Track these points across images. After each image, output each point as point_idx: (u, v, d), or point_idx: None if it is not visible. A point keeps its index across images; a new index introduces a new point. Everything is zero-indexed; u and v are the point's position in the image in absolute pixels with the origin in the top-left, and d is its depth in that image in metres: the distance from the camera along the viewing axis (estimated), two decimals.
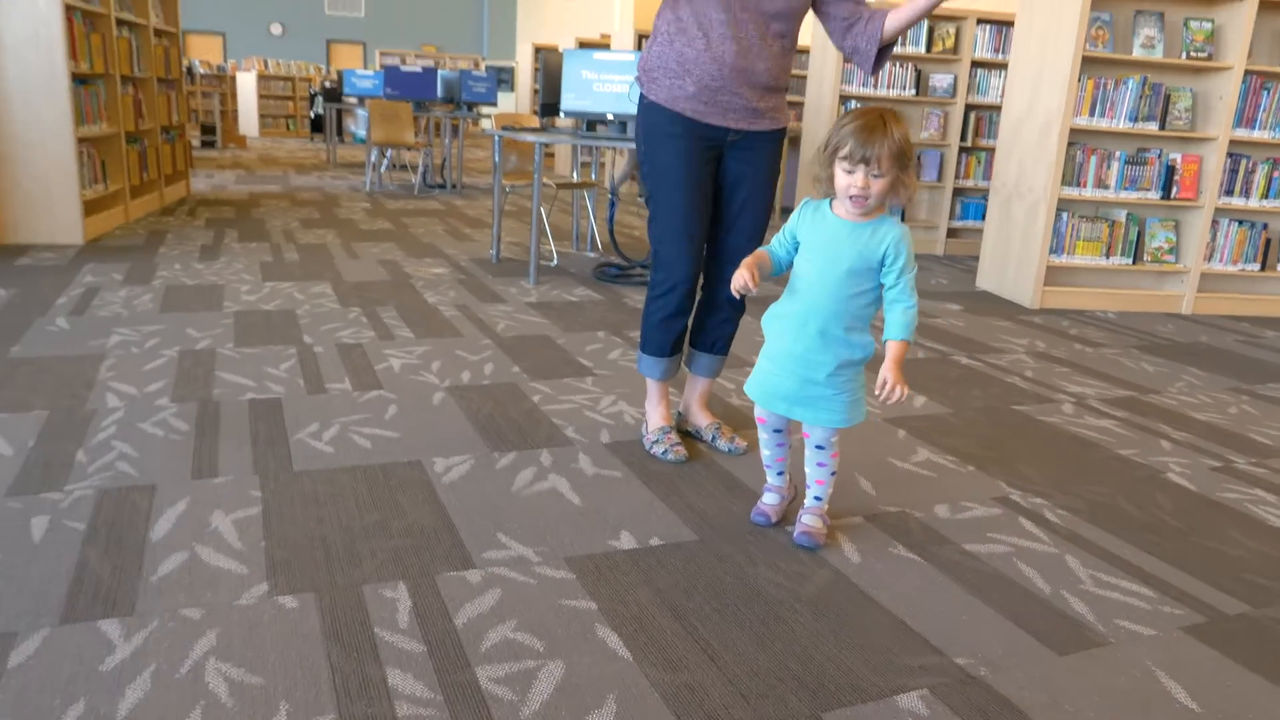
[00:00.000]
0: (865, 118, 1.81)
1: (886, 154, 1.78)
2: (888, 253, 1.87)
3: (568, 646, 1.62)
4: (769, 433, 2.09)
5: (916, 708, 1.51)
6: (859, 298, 1.91)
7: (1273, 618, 1.88)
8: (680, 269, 2.37)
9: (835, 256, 1.90)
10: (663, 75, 2.32)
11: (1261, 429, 3.10)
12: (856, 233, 1.89)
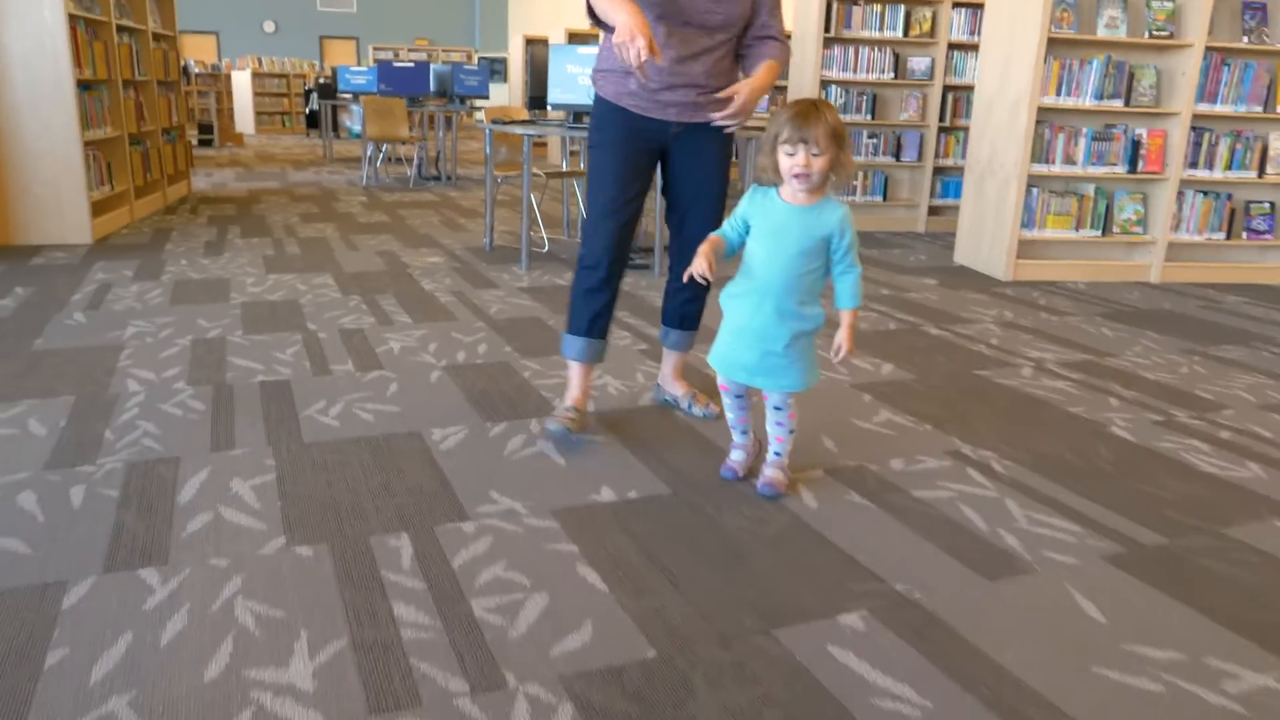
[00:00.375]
0: (799, 105, 2.01)
1: (822, 133, 1.97)
2: (834, 232, 2.07)
3: (551, 582, 1.84)
4: (731, 398, 2.29)
5: (856, 625, 1.73)
6: (809, 275, 2.10)
7: (1186, 547, 2.09)
8: (598, 245, 2.50)
9: (785, 239, 2.08)
10: (610, 75, 2.50)
11: (1207, 386, 3.31)
12: (803, 215, 2.08)
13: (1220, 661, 1.66)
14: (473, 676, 1.54)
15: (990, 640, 1.70)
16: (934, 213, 7.01)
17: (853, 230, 2.09)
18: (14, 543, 1.92)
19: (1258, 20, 5.09)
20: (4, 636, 1.60)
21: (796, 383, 2.16)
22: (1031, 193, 5.11)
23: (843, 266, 2.10)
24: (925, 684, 1.56)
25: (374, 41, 21.65)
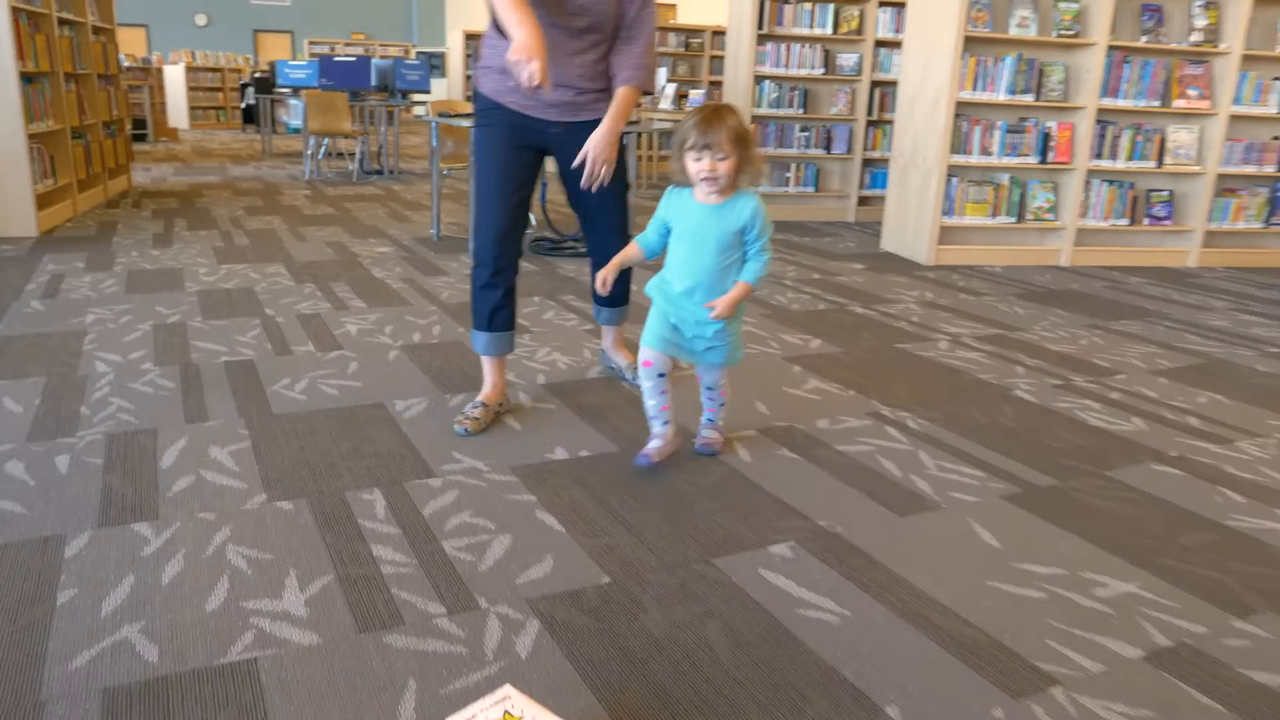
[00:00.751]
0: (703, 111, 2.11)
1: (725, 138, 2.06)
2: (748, 224, 2.18)
3: (513, 526, 2.04)
4: (653, 378, 2.29)
5: (784, 553, 1.97)
6: (730, 268, 2.21)
7: (1073, 487, 2.38)
8: (484, 243, 2.55)
9: (704, 238, 2.19)
10: (489, 72, 2.54)
11: (1104, 355, 3.64)
12: (718, 213, 2.18)
13: (1094, 574, 1.94)
14: (448, 601, 1.74)
15: (900, 563, 1.95)
16: (863, 203, 7.33)
17: (764, 218, 2.19)
18: (9, 504, 2.06)
19: (1155, 21, 5.49)
20: (15, 582, 1.76)
21: (731, 358, 2.31)
22: (951, 182, 5.44)
23: (754, 250, 2.21)
24: (843, 597, 1.81)
25: (310, 36, 21.44)
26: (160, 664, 1.53)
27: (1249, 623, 1.78)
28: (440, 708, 1.44)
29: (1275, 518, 2.25)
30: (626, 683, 1.53)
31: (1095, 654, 1.66)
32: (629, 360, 3.00)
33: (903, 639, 1.68)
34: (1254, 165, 5.81)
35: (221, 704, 1.44)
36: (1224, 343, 3.93)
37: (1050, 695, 1.54)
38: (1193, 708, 1.52)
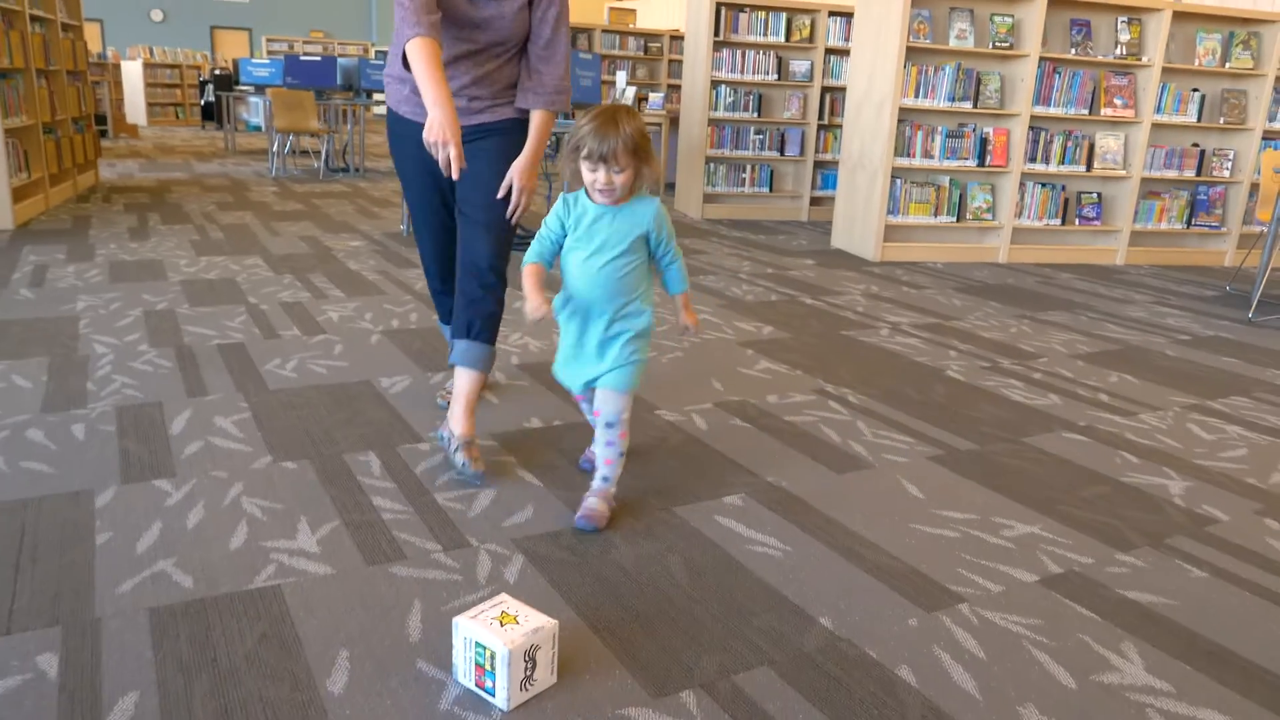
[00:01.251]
0: (599, 120, 1.93)
1: (622, 150, 1.91)
2: (651, 229, 2.03)
3: (498, 481, 2.30)
4: (587, 405, 2.25)
5: (735, 503, 2.25)
6: (632, 274, 2.03)
7: (991, 450, 2.69)
8: (424, 255, 2.63)
9: (603, 244, 2.02)
10: (392, 81, 2.45)
11: (1030, 342, 3.98)
12: (618, 217, 2.02)
13: (1003, 519, 2.25)
14: (443, 540, 2.00)
15: (835, 510, 2.24)
16: (816, 203, 7.67)
17: (668, 222, 2.06)
18: (36, 465, 2.27)
19: (1083, 35, 5.88)
20: (55, 527, 1.98)
21: (622, 383, 2.05)
22: (895, 184, 5.78)
23: (667, 259, 2.09)
24: (785, 536, 2.09)
25: (268, 33, 21.37)
26: (195, 589, 1.76)
27: (1129, 555, 2.10)
28: (443, 621, 1.70)
29: (1164, 475, 2.58)
30: (601, 601, 1.79)
31: (997, 579, 1.96)
32: (466, 433, 2.33)
33: (835, 568, 1.97)
34: (1175, 170, 6.23)
35: (254, 619, 1.68)
36: (1140, 331, 4.30)
37: (957, 610, 1.83)
38: (1074, 617, 1.83)
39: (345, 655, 1.58)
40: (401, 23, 2.18)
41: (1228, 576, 2.02)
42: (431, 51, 2.13)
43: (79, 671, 1.51)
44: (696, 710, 1.49)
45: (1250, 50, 6.14)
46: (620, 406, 2.07)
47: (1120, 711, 1.54)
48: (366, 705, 1.46)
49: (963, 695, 1.56)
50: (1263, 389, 3.46)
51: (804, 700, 1.53)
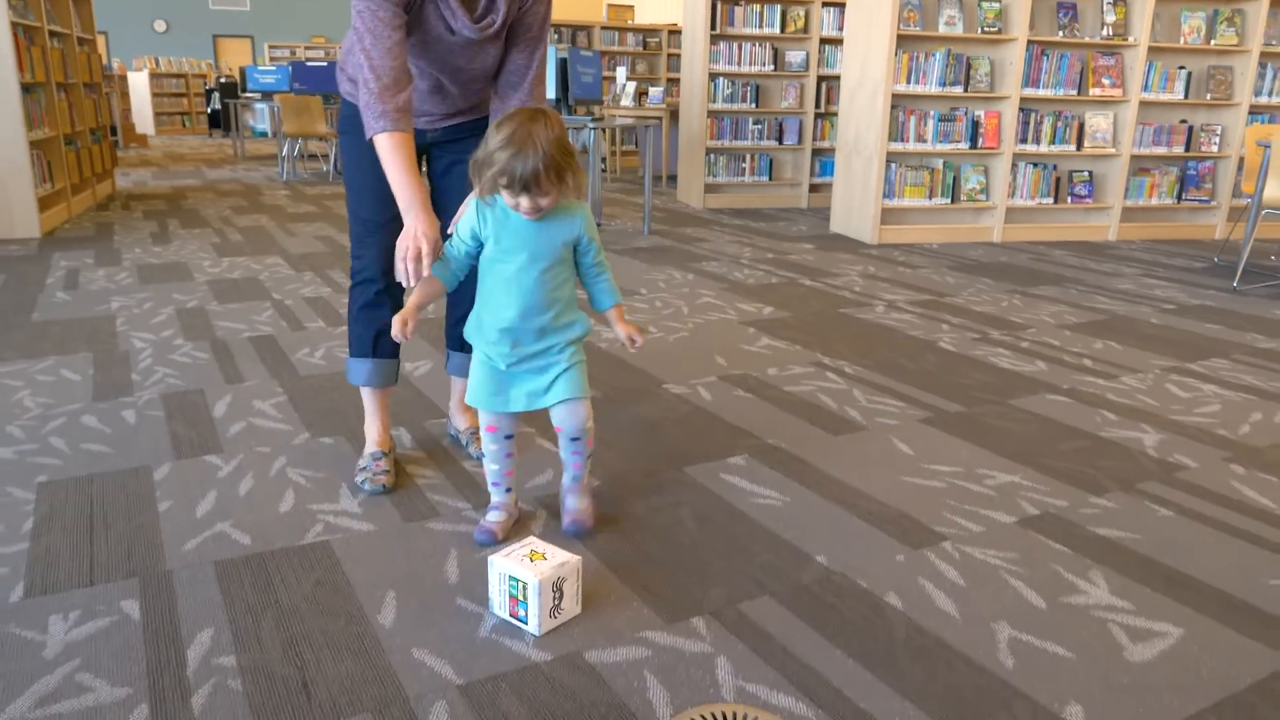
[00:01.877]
0: (516, 139, 1.71)
1: (544, 174, 1.71)
2: (580, 235, 1.88)
3: (518, 448, 2.49)
4: (499, 441, 1.98)
5: (739, 462, 2.44)
6: (564, 286, 1.91)
7: (978, 412, 2.88)
8: (370, 259, 2.26)
9: (533, 253, 1.85)
10: (344, 79, 2.24)
11: (1020, 314, 4.16)
12: (546, 227, 1.85)
13: (987, 471, 2.43)
14: (472, 500, 2.19)
15: (832, 466, 2.43)
16: (815, 190, 7.85)
17: (595, 230, 1.93)
18: (95, 446, 2.48)
19: (1069, 17, 6.04)
20: (120, 497, 2.18)
21: (577, 389, 1.93)
22: (891, 168, 5.95)
23: (594, 271, 1.95)
24: (785, 490, 2.28)
25: (269, 40, 21.59)
26: (253, 545, 1.96)
27: (1101, 498, 2.28)
28: (477, 567, 1.89)
29: (1140, 429, 2.76)
30: (617, 546, 1.99)
31: (979, 521, 2.15)
32: (468, 425, 2.51)
33: (831, 514, 2.16)
34: (1164, 147, 6.39)
35: (309, 568, 1.87)
36: (1127, 302, 4.47)
37: (941, 547, 2.02)
38: (1047, 551, 2.01)
39: (392, 595, 1.78)
40: (369, 96, 1.94)
41: (1192, 515, 2.21)
42: (404, 149, 1.96)
43: (159, 613, 1.71)
44: (706, 632, 1.68)
45: (1235, 27, 6.29)
46: (582, 416, 1.94)
47: (1085, 626, 1.73)
48: (415, 634, 1.66)
49: (943, 616, 1.75)
50: (1241, 351, 3.64)
51: (801, 623, 1.72)
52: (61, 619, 1.69)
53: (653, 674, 1.56)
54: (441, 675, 1.54)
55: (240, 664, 1.56)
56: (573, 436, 1.96)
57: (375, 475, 2.25)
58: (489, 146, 1.75)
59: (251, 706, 1.46)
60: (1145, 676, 1.58)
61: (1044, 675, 1.58)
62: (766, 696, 1.51)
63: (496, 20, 2.06)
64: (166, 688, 1.50)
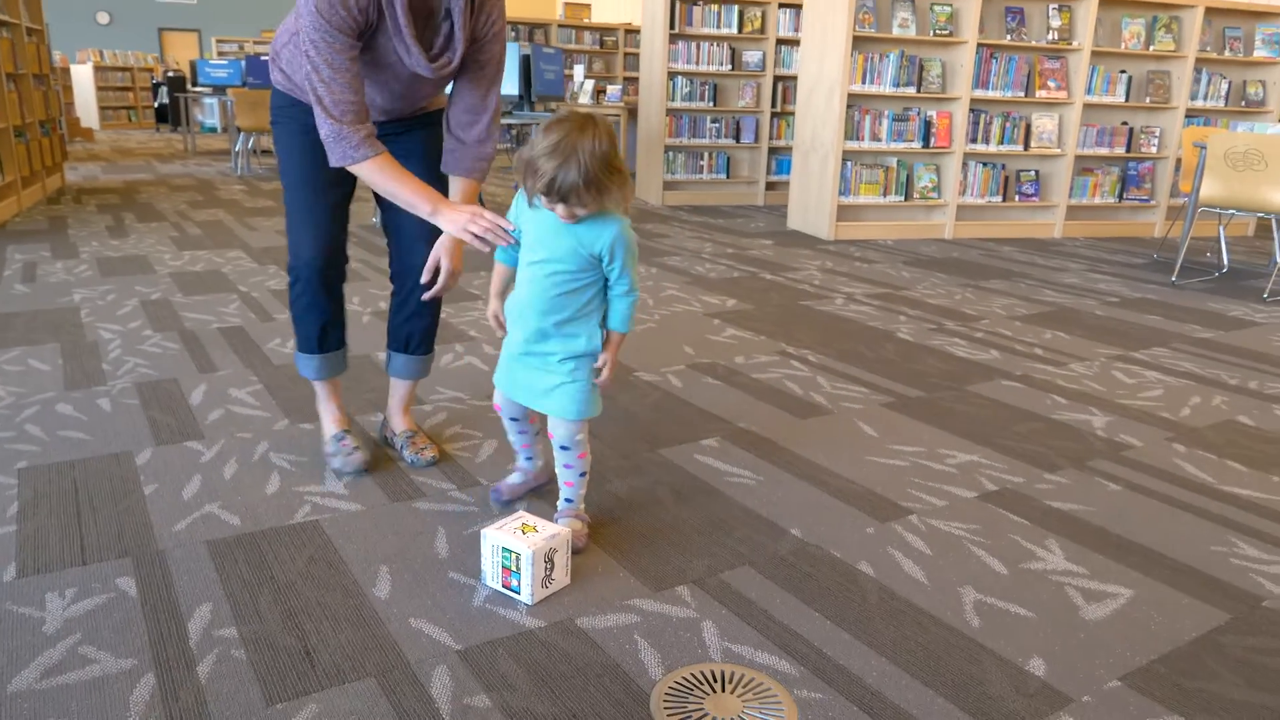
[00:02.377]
0: (561, 149, 1.68)
1: (584, 191, 1.69)
2: (604, 252, 1.81)
3: (497, 434, 2.55)
4: (506, 420, 2.07)
5: (712, 444, 2.53)
6: (575, 295, 1.84)
7: (937, 397, 3.00)
8: (303, 258, 2.16)
9: (552, 252, 1.82)
10: (274, 66, 2.18)
11: (973, 307, 4.31)
12: (571, 233, 1.80)
13: (947, 451, 2.55)
14: (456, 481, 2.25)
15: (800, 447, 2.53)
16: (770, 187, 7.98)
17: (629, 248, 1.83)
18: (73, 433, 2.48)
19: (1017, 22, 6.24)
20: (104, 481, 2.20)
21: (572, 409, 1.88)
22: (846, 166, 6.10)
23: (619, 289, 1.86)
24: (757, 469, 2.38)
25: (217, 34, 21.23)
26: (243, 525, 2.00)
27: (1055, 475, 2.41)
28: (466, 543, 1.95)
29: (1089, 412, 2.91)
30: (601, 522, 2.06)
31: (941, 496, 2.26)
32: (404, 429, 2.42)
33: (802, 491, 2.25)
34: (1106, 148, 6.63)
35: (300, 546, 1.92)
36: (1074, 295, 4.66)
37: (907, 520, 2.13)
38: (1006, 523, 2.13)
39: (385, 570, 1.83)
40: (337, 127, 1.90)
41: (1138, 489, 2.34)
42: (391, 164, 1.95)
43: (155, 590, 1.74)
44: (690, 599, 1.76)
45: (1172, 34, 6.55)
46: (570, 430, 1.91)
47: (1044, 589, 1.85)
48: (410, 605, 1.71)
49: (912, 581, 1.86)
50: (1180, 341, 3.82)
51: (780, 589, 1.81)
52: (58, 596, 1.71)
53: (643, 637, 1.64)
54: (440, 642, 1.61)
55: (242, 635, 1.61)
56: (561, 445, 1.94)
57: (348, 455, 2.28)
58: (535, 150, 1.71)
59: (257, 674, 1.51)
60: (1099, 633, 1.70)
61: (1008, 633, 1.69)
62: (751, 656, 1.60)
63: (453, 60, 2.01)
64: (171, 658, 1.54)
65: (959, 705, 1.48)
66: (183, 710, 1.42)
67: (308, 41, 1.86)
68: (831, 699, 1.49)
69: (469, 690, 1.48)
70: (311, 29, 1.84)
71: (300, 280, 2.20)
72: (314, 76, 1.88)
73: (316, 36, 1.85)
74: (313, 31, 1.85)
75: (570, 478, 1.98)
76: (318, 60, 1.87)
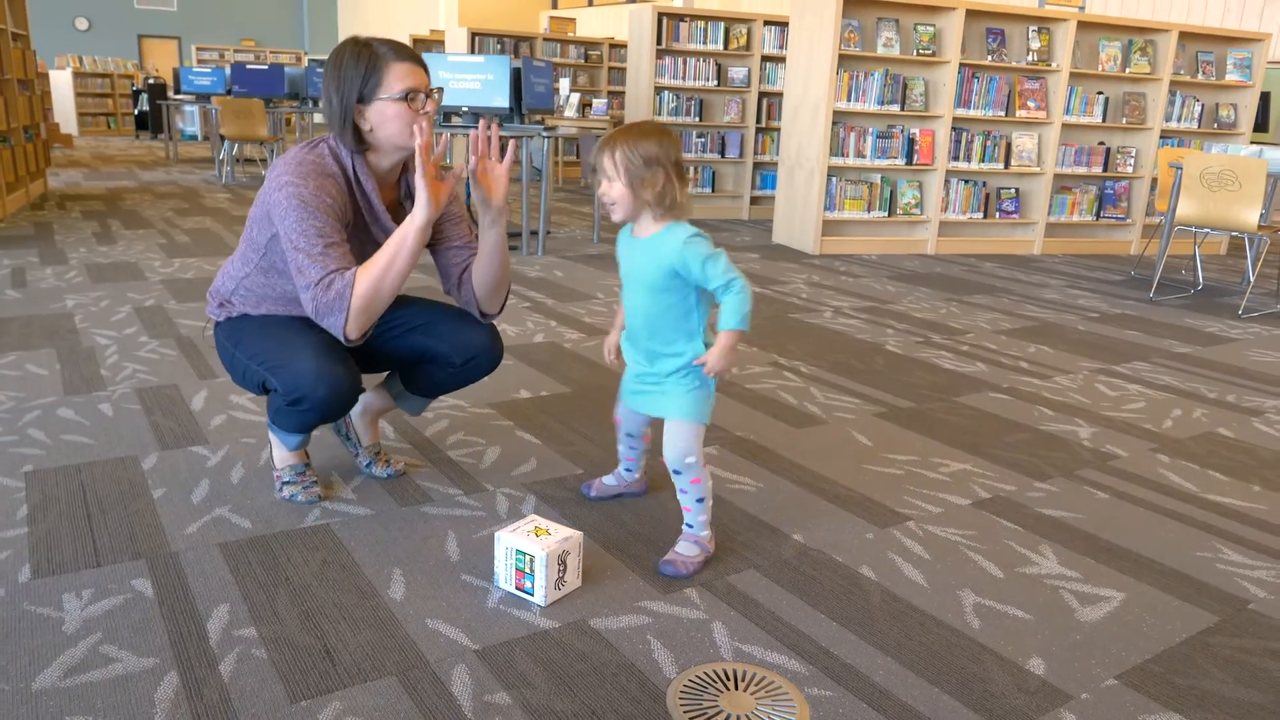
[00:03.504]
0: (610, 133, 1.88)
1: (608, 161, 1.84)
2: (678, 262, 1.83)
3: (499, 439, 2.59)
4: (622, 435, 2.17)
5: (711, 452, 2.58)
6: (671, 310, 1.88)
7: (928, 408, 3.07)
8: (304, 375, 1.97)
9: (638, 276, 1.90)
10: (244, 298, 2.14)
11: (958, 321, 4.40)
12: (649, 248, 1.87)
13: (940, 460, 2.61)
14: (462, 486, 2.28)
15: (798, 456, 2.58)
16: (755, 202, 8.07)
17: (704, 251, 1.82)
18: (77, 437, 2.49)
19: (998, 43, 6.37)
20: (113, 484, 2.21)
21: (673, 410, 1.92)
22: (831, 182, 6.19)
23: (717, 289, 1.84)
24: (757, 476, 2.43)
25: (197, 41, 21.16)
26: (255, 529, 2.02)
27: (1045, 483, 2.48)
28: (476, 546, 1.99)
29: (1074, 424, 2.98)
30: (608, 527, 2.10)
31: (937, 503, 2.32)
32: (375, 441, 2.38)
33: (802, 498, 2.31)
34: (1084, 167, 6.77)
35: (313, 549, 1.95)
36: (1055, 310, 4.76)
37: (906, 525, 2.18)
38: (1000, 529, 2.19)
39: (399, 572, 1.87)
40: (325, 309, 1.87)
41: (1126, 497, 2.42)
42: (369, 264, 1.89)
43: (171, 590, 1.76)
44: (700, 601, 1.81)
45: (1147, 56, 6.71)
46: (680, 448, 1.89)
47: (1040, 592, 1.91)
48: (426, 606, 1.75)
49: (913, 585, 1.91)
50: (1160, 355, 3.92)
51: (786, 592, 1.86)
52: (75, 597, 1.73)
53: (655, 638, 1.68)
54: (457, 642, 1.64)
55: (261, 635, 1.63)
56: (674, 469, 1.92)
57: (307, 488, 2.17)
58: None
59: (279, 673, 1.53)
60: (1095, 634, 1.76)
61: (1007, 634, 1.74)
62: (762, 656, 1.64)
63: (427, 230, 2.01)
64: (192, 657, 1.56)
65: (964, 702, 1.54)
66: (208, 707, 1.44)
67: (294, 233, 1.87)
68: (841, 696, 1.54)
69: (489, 688, 1.52)
70: (298, 220, 1.87)
71: (296, 402, 1.99)
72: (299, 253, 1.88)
73: (302, 226, 1.87)
74: (299, 223, 1.87)
75: (687, 503, 1.95)
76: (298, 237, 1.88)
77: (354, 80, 1.91)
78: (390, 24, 20.33)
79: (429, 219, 1.87)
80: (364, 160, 2.01)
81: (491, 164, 2.00)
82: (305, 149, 1.98)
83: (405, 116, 1.94)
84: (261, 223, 2.00)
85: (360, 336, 1.91)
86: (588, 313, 4.18)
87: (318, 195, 1.89)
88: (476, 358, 2.18)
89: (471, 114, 5.70)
